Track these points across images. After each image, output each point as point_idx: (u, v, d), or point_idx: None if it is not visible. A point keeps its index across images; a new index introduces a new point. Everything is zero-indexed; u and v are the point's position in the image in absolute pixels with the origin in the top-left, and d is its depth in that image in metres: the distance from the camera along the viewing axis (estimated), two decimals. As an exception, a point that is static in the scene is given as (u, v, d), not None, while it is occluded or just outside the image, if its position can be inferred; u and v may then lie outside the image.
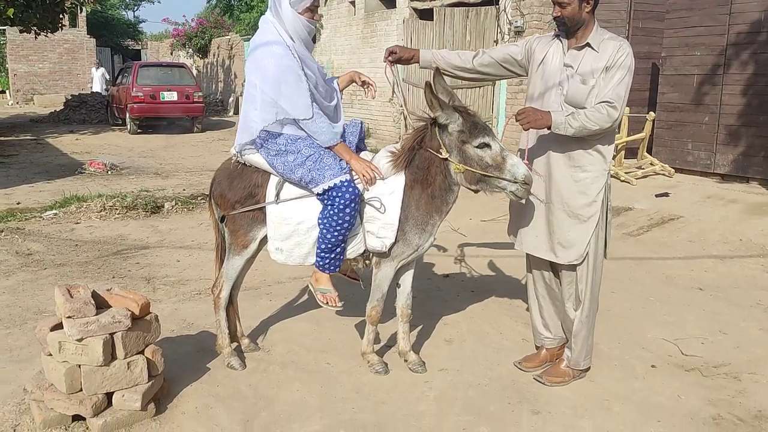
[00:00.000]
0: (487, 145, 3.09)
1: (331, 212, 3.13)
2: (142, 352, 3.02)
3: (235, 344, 3.70)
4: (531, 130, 3.21)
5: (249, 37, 20.06)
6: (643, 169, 8.79)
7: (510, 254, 5.66)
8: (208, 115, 18.77)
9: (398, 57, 3.48)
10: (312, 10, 3.22)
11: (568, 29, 3.18)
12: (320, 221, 3.19)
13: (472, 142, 3.10)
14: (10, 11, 11.31)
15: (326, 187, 3.12)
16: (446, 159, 3.16)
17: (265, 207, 3.32)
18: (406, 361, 3.60)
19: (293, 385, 3.40)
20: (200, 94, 16.77)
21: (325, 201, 3.15)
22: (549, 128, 3.10)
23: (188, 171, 10.64)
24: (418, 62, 3.52)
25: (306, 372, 3.54)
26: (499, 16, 10.53)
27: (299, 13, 3.18)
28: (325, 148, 3.23)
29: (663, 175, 8.71)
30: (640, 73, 9.68)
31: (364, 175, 3.22)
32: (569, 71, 3.18)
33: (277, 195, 3.30)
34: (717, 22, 8.27)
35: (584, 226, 3.24)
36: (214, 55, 25.89)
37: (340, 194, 3.11)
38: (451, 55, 3.50)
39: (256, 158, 3.33)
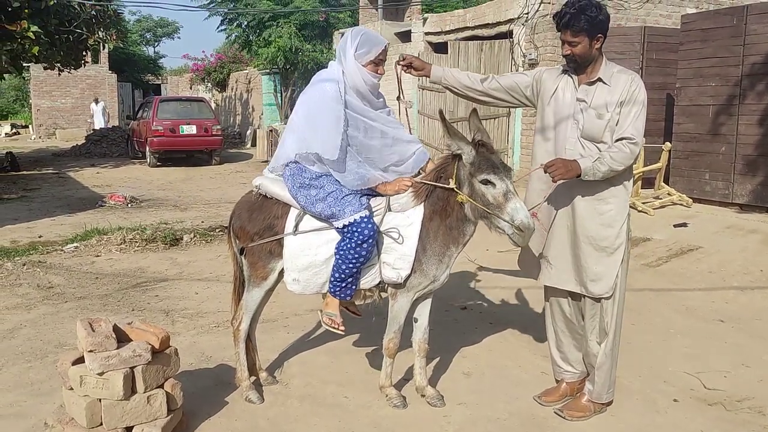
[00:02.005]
0: (491, 183, 3.09)
1: (349, 245, 3.19)
2: (161, 386, 3.05)
3: (253, 378, 3.71)
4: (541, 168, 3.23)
5: (267, 71, 20.38)
6: (661, 199, 8.75)
7: (528, 286, 5.64)
8: (226, 148, 19.02)
9: (409, 62, 3.52)
10: (376, 64, 3.31)
11: (579, 66, 3.22)
12: (337, 252, 3.25)
13: (477, 176, 3.12)
14: (35, 49, 11.62)
15: (346, 222, 3.18)
16: (452, 189, 3.20)
17: (283, 239, 3.37)
18: (423, 396, 3.58)
19: (311, 419, 3.39)
20: (218, 127, 17.02)
21: (345, 234, 3.21)
22: (579, 176, 3.11)
23: (206, 203, 10.76)
24: (429, 76, 3.56)
25: (324, 406, 3.54)
26: (513, 49, 10.65)
27: (363, 65, 3.27)
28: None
29: (681, 205, 8.66)
30: (655, 104, 9.70)
31: (399, 190, 3.34)
32: (582, 105, 3.21)
33: (296, 227, 3.35)
34: (731, 53, 8.29)
35: (612, 258, 3.24)
36: (232, 89, 26.33)
37: (359, 230, 3.17)
38: (461, 75, 3.54)
39: (277, 190, 3.41)
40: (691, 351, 4.32)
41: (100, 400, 2.90)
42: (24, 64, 14.37)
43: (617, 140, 3.11)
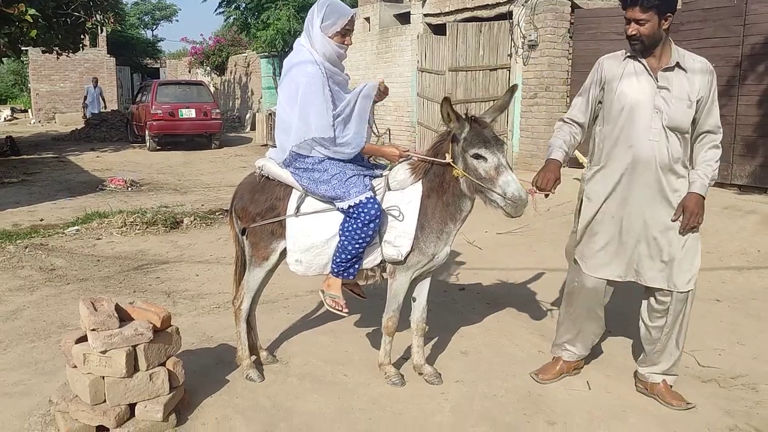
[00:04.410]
0: (482, 157, 3.12)
1: (355, 226, 3.24)
2: (163, 364, 3.09)
3: (254, 357, 3.76)
4: (614, 169, 3.18)
5: (265, 54, 20.33)
6: (660, 180, 8.76)
7: (524, 267, 5.70)
8: (225, 132, 18.99)
9: (547, 185, 3.24)
10: (342, 35, 3.32)
11: (645, 48, 3.04)
12: (342, 233, 3.29)
13: (469, 151, 3.15)
14: (33, 32, 11.57)
15: (352, 204, 3.23)
16: (449, 163, 3.22)
17: (284, 220, 3.41)
18: (421, 374, 3.63)
19: (311, 396, 3.45)
20: (218, 110, 17.00)
21: (350, 216, 3.25)
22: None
23: (206, 187, 10.79)
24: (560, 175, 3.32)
25: (323, 384, 3.59)
26: (512, 30, 10.60)
27: (329, 36, 3.29)
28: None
29: (679, 186, 8.66)
30: (654, 85, 9.67)
31: (397, 156, 3.43)
32: (665, 93, 3.04)
33: (298, 208, 3.39)
34: (731, 33, 8.26)
35: (698, 242, 3.21)
36: (231, 73, 26.25)
37: (365, 210, 3.21)
38: (566, 142, 3.34)
39: (280, 171, 3.45)
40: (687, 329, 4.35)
41: (103, 377, 2.95)
42: (22, 48, 14.29)
43: (704, 133, 3.07)
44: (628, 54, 3.15)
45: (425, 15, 12.97)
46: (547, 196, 3.28)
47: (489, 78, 11.10)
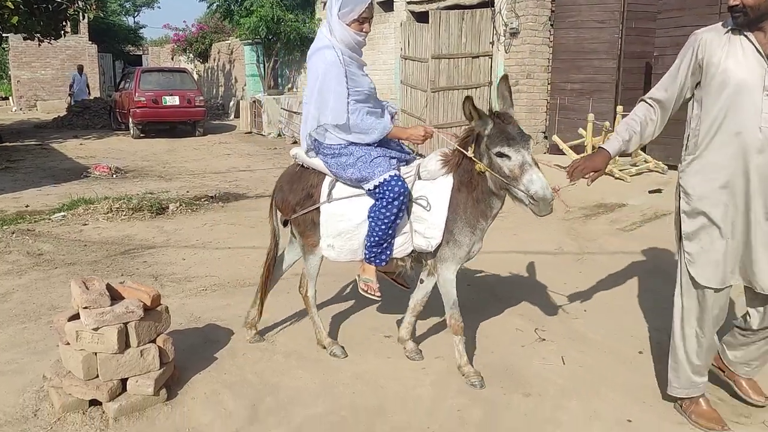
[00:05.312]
0: (506, 156, 3.09)
1: (380, 205, 3.30)
2: (153, 341, 3.21)
3: (252, 331, 3.94)
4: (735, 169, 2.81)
5: (249, 41, 20.22)
6: (637, 166, 8.95)
7: (503, 250, 5.85)
8: (209, 119, 18.96)
9: (591, 172, 3.12)
10: (360, 22, 3.38)
11: (750, 21, 2.70)
12: (370, 215, 3.36)
13: (492, 149, 3.13)
14: (15, 19, 11.52)
15: (377, 183, 3.30)
16: (471, 158, 3.21)
17: (319, 206, 3.51)
18: (404, 348, 3.78)
19: (296, 372, 3.58)
20: (201, 98, 16.97)
21: (376, 195, 3.33)
22: None
23: (191, 174, 10.81)
24: (608, 161, 3.16)
25: (309, 361, 3.72)
26: (494, 17, 10.72)
27: (347, 24, 3.36)
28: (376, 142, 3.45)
29: (657, 172, 8.85)
30: (633, 72, 9.86)
31: (422, 137, 3.46)
32: None
33: (329, 194, 3.49)
34: (708, 21, 8.30)
35: None
36: (214, 60, 26.10)
37: (389, 188, 3.28)
38: (633, 129, 3.12)
39: (312, 159, 3.57)
40: (661, 308, 4.52)
41: (95, 353, 3.06)
42: (3, 35, 14.18)
43: None
44: (731, 27, 2.81)
45: (408, 2, 13.04)
46: (588, 184, 3.20)
47: (471, 65, 11.21)
